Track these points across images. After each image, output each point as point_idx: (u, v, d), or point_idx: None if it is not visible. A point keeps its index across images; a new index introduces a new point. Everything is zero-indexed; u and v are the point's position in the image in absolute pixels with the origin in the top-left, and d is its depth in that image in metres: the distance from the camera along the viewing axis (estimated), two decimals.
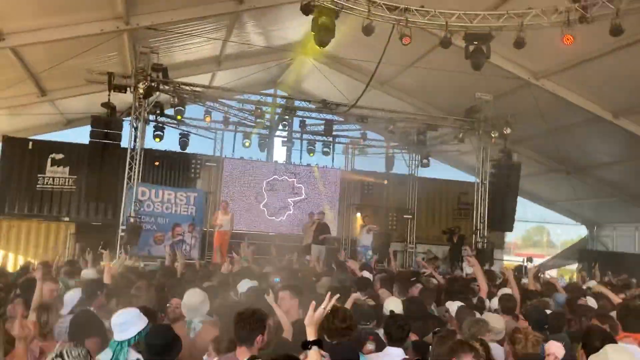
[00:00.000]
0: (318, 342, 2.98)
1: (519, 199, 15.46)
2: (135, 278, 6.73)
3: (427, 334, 4.91)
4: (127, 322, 3.79)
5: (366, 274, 8.34)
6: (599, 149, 15.35)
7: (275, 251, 11.84)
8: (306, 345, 2.96)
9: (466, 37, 9.70)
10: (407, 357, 4.19)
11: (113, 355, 3.66)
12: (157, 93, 12.93)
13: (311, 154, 17.54)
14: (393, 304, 5.34)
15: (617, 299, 5.93)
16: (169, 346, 3.68)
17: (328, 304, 3.12)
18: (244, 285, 6.01)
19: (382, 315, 5.08)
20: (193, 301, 5.01)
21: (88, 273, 7.65)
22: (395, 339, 4.23)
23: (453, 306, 5.70)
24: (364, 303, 5.59)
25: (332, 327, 3.74)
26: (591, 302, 6.50)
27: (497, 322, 4.95)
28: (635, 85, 11.58)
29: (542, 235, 50.04)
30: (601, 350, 3.29)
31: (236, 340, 3.65)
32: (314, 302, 3.09)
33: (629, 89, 11.92)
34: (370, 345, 4.18)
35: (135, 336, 3.75)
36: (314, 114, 15.65)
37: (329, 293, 3.25)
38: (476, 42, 9.66)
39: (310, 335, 2.99)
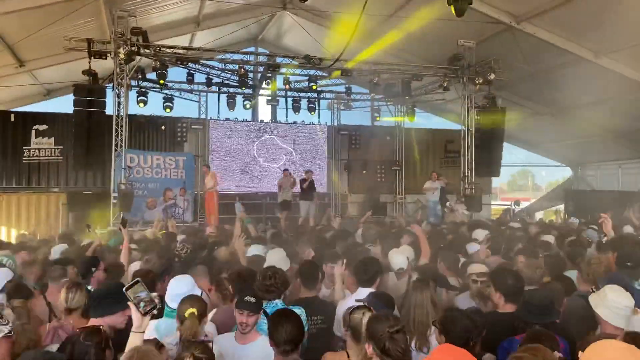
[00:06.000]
0: None
1: (504, 144, 15.64)
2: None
3: None
4: (188, 292, 3.65)
5: None
6: (581, 90, 15.43)
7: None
8: None
9: None
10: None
11: None
12: (138, 57, 12.76)
13: (296, 112, 17.50)
14: None
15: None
16: None
17: None
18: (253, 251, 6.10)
19: None
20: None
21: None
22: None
23: None
24: None
25: (260, 285, 3.91)
26: None
27: None
28: (614, 24, 11.59)
29: (527, 178, 50.97)
30: (601, 290, 3.46)
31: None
32: None
33: (608, 29, 11.93)
34: None
35: None
36: (297, 71, 15.53)
37: None
38: None
39: None
